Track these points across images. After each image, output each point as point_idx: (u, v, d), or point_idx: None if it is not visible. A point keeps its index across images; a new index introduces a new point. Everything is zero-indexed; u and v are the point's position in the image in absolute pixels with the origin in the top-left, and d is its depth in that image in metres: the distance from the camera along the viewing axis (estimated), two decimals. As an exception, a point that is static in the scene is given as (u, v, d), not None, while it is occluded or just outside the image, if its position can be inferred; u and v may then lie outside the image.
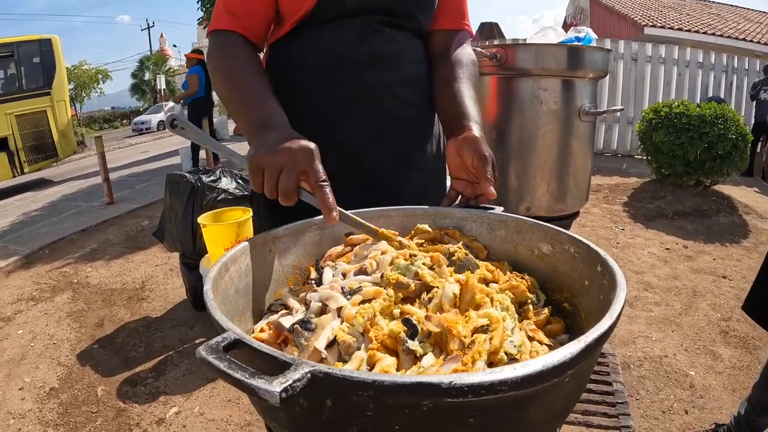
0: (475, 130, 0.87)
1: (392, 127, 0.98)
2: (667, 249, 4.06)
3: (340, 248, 0.78)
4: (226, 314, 0.60)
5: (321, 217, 0.82)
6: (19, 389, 2.48)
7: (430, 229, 0.80)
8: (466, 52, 1.04)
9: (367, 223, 0.73)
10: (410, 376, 0.35)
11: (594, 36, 1.67)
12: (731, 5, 15.56)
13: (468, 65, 1.01)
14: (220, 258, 0.64)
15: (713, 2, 15.61)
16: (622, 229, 4.56)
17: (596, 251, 0.60)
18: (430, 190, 1.06)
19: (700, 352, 2.58)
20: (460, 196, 0.87)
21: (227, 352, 0.39)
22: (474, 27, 2.13)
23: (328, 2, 0.90)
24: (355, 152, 0.96)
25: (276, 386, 0.34)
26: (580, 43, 1.63)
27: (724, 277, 3.50)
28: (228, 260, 0.65)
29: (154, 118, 21.16)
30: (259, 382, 0.34)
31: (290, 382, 0.34)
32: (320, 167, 0.69)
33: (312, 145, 0.70)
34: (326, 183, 0.68)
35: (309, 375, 0.35)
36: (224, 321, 0.46)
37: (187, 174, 2.84)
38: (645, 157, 5.77)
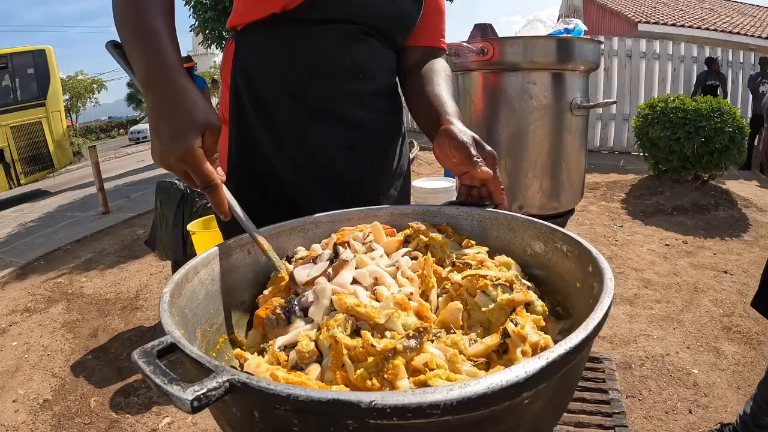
0: (450, 121, 0.82)
1: (364, 136, 0.97)
2: (667, 245, 4.03)
3: (326, 240, 0.75)
4: (194, 318, 0.57)
5: (302, 219, 0.79)
6: (13, 401, 2.46)
7: (423, 226, 0.76)
8: (440, 63, 1.02)
9: (253, 233, 0.69)
10: (328, 391, 0.32)
11: (583, 27, 1.63)
12: None
13: (442, 72, 0.99)
14: (190, 261, 0.61)
15: (707, -3, 15.62)
16: (621, 227, 4.53)
17: (588, 250, 0.56)
18: (401, 195, 1.06)
19: (702, 349, 2.54)
20: (471, 190, 0.82)
21: (164, 357, 0.38)
22: (468, 29, 2.11)
23: (318, 4, 0.86)
24: (327, 162, 0.94)
25: (188, 394, 0.32)
26: (569, 35, 1.60)
27: (725, 272, 3.46)
28: (198, 263, 0.62)
29: (151, 127, 21.14)
30: (174, 389, 0.33)
31: (204, 390, 0.32)
32: (197, 170, 0.63)
33: (186, 139, 0.62)
34: (208, 189, 0.64)
35: (227, 384, 0.33)
36: (168, 325, 0.44)
37: (176, 181, 2.81)
38: (642, 154, 5.74)
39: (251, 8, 0.90)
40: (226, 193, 0.67)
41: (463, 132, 0.79)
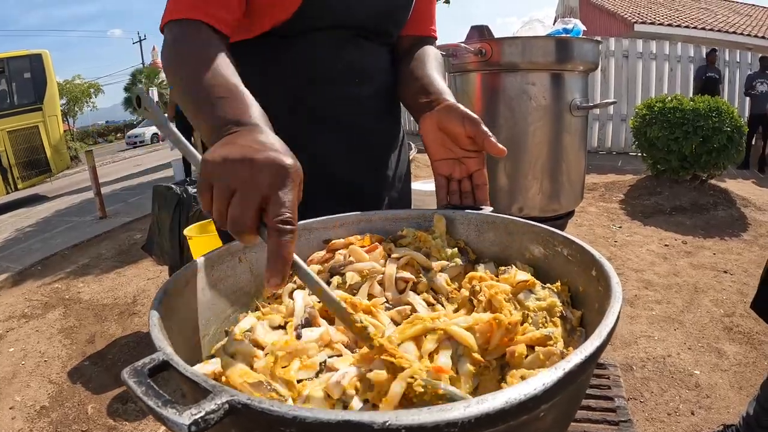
0: (453, 100, 0.81)
1: (363, 139, 0.96)
2: (666, 245, 4.02)
3: (321, 254, 0.73)
4: (184, 330, 0.55)
5: (299, 223, 0.77)
6: (10, 408, 2.44)
7: (416, 232, 0.74)
8: (431, 50, 1.01)
9: (332, 295, 0.49)
10: (337, 412, 0.31)
11: (582, 27, 1.62)
12: (720, -1, 15.61)
13: (433, 57, 0.98)
14: (180, 270, 0.60)
15: (702, -3, 15.67)
16: (620, 227, 4.52)
17: (591, 253, 0.54)
18: (400, 199, 1.05)
19: (704, 349, 2.53)
20: (450, 183, 0.80)
21: (156, 374, 0.36)
22: (465, 30, 2.10)
23: (305, 16, 0.84)
24: (326, 168, 0.92)
25: (185, 418, 0.30)
26: (568, 35, 1.59)
27: (725, 272, 3.45)
28: (189, 271, 0.61)
29: (148, 131, 21.16)
30: (169, 413, 0.31)
31: (202, 414, 0.30)
32: (289, 198, 0.47)
33: (288, 160, 0.50)
34: (290, 226, 0.45)
35: (227, 406, 0.32)
36: (158, 340, 0.42)
37: (173, 185, 2.79)
38: (640, 154, 5.74)
39: (240, 30, 0.87)
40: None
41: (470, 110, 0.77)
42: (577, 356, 0.35)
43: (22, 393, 2.56)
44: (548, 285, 0.57)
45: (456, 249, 0.70)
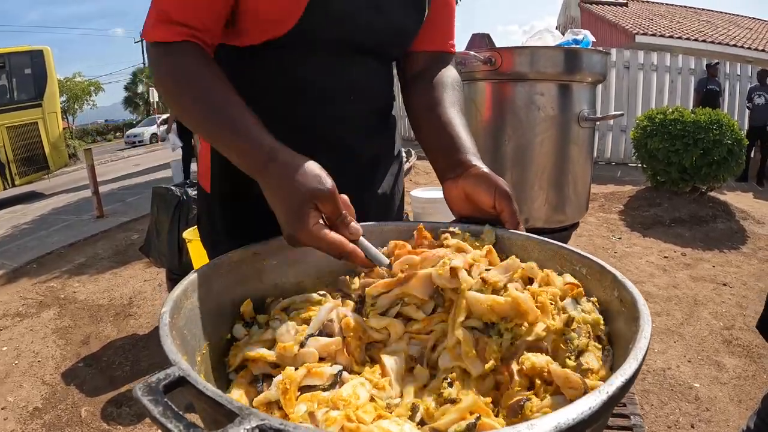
0: (483, 165, 0.77)
1: (355, 156, 0.92)
2: (666, 257, 4.02)
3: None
4: (193, 340, 0.54)
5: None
6: (2, 408, 2.41)
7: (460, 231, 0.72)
8: (450, 74, 0.95)
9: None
10: None
11: (592, 38, 1.62)
12: (721, 12, 15.73)
13: (453, 87, 0.92)
14: (187, 276, 0.58)
15: (703, 9, 15.78)
16: (619, 238, 4.52)
17: (612, 273, 0.53)
18: (391, 212, 1.02)
19: (703, 362, 2.52)
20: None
21: (169, 392, 0.34)
22: (466, 38, 2.09)
23: (301, 35, 0.79)
24: None
25: None
26: (577, 46, 1.58)
27: (724, 285, 3.45)
28: (197, 278, 0.59)
29: (147, 131, 21.15)
30: None
31: None
32: (328, 244, 0.61)
33: (296, 222, 0.61)
34: (344, 255, 0.62)
35: (257, 430, 0.30)
36: (173, 353, 0.40)
37: (172, 187, 2.77)
38: (640, 165, 5.75)
39: (235, 37, 0.83)
40: (362, 242, 0.65)
41: (505, 183, 0.74)
42: (618, 379, 0.35)
43: (14, 393, 2.53)
44: (591, 298, 0.55)
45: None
